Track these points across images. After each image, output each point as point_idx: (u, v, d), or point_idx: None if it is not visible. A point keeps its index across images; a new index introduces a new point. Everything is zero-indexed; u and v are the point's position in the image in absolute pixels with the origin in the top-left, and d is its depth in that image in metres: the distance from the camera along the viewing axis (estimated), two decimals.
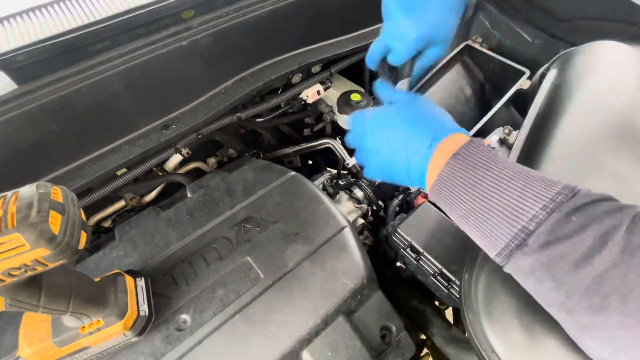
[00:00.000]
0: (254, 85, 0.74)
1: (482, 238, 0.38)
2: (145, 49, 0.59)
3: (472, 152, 0.38)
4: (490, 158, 0.38)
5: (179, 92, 0.69)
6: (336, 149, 0.86)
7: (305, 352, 0.51)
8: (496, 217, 0.36)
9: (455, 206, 0.39)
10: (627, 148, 0.52)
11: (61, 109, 0.56)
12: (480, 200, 0.37)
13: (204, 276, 0.55)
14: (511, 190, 0.35)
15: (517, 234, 0.34)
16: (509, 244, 0.35)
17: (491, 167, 0.37)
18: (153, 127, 0.68)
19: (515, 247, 0.35)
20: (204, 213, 0.62)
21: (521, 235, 0.34)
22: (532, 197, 0.34)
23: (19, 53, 0.51)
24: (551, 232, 0.33)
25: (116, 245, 0.59)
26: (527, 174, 0.36)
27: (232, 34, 0.67)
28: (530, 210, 0.34)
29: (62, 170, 0.61)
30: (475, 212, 0.37)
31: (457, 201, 0.39)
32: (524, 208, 0.34)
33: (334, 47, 0.84)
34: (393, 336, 0.56)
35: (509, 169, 0.36)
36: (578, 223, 0.32)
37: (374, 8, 0.88)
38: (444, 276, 0.63)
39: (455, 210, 0.40)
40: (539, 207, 0.33)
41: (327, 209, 0.63)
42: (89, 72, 0.56)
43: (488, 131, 0.91)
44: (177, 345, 0.49)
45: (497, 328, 0.43)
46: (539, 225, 0.33)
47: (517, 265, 0.36)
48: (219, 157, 0.96)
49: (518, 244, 0.34)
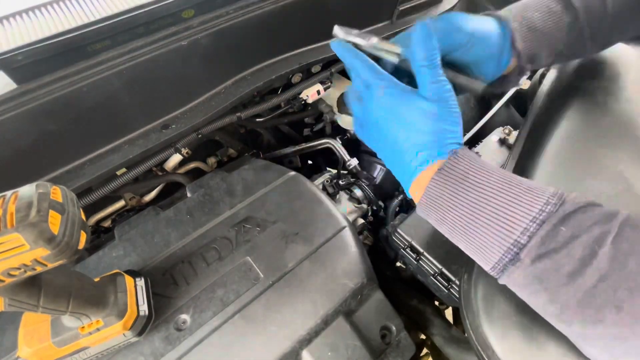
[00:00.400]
0: (254, 85, 0.74)
1: (474, 253, 0.38)
2: (145, 49, 0.59)
3: (457, 166, 0.37)
4: (476, 171, 0.37)
5: (179, 92, 0.69)
6: (336, 149, 0.86)
7: (305, 352, 0.50)
8: (486, 232, 0.35)
9: (444, 222, 0.39)
10: (627, 148, 0.52)
11: (61, 108, 0.56)
12: (469, 216, 0.36)
13: (203, 276, 0.55)
14: (499, 204, 0.34)
15: (510, 248, 0.34)
16: (502, 258, 0.35)
17: (477, 181, 0.36)
18: (153, 126, 0.68)
19: (509, 261, 0.34)
20: (204, 213, 0.62)
21: (513, 250, 0.34)
22: (521, 210, 0.33)
23: (18, 52, 0.51)
24: (542, 244, 0.32)
25: (116, 245, 0.59)
26: (514, 184, 0.35)
27: (232, 34, 0.67)
28: (521, 224, 0.33)
29: (62, 170, 0.61)
30: (464, 228, 0.37)
31: (446, 217, 0.38)
32: (514, 221, 0.34)
33: None
34: (393, 336, 0.56)
35: (495, 181, 0.36)
36: (567, 234, 0.32)
37: (374, 8, 0.88)
38: (444, 276, 0.63)
39: (444, 226, 0.39)
40: (529, 220, 0.33)
41: (327, 209, 0.63)
42: (89, 71, 0.56)
43: (488, 131, 0.91)
44: (177, 345, 0.49)
45: (497, 328, 0.43)
46: (530, 238, 0.33)
47: (512, 278, 0.36)
48: (218, 157, 0.96)
49: (511, 258, 0.34)
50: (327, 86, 0.89)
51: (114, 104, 0.61)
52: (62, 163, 0.61)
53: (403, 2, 0.90)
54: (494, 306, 0.45)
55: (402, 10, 0.91)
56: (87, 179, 0.61)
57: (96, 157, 0.63)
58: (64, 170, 0.61)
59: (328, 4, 0.78)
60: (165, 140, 0.66)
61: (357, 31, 0.44)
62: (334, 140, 0.88)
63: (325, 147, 0.89)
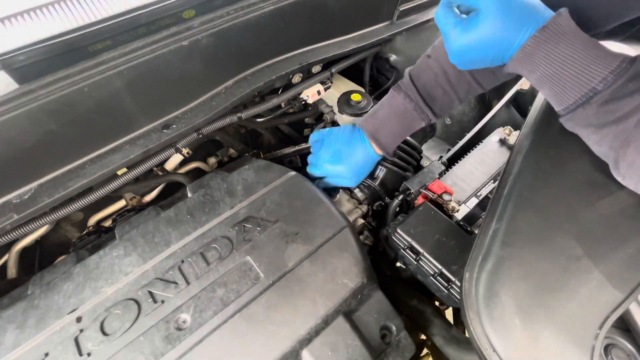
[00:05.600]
0: (255, 85, 0.74)
1: (553, 96, 0.47)
2: (146, 49, 0.59)
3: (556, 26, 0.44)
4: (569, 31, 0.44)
5: (179, 92, 0.69)
6: None
7: (305, 352, 0.51)
8: (569, 80, 0.44)
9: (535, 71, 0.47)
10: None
11: (62, 108, 0.56)
12: (560, 66, 0.44)
13: (204, 276, 0.55)
14: (585, 59, 0.43)
15: (586, 93, 0.43)
16: (577, 101, 0.44)
17: (569, 39, 0.44)
18: (154, 126, 0.68)
19: (581, 103, 0.44)
20: (204, 213, 0.62)
21: (589, 94, 0.43)
22: (602, 64, 0.42)
23: (20, 53, 0.51)
24: (611, 93, 0.42)
25: (116, 244, 0.59)
26: (597, 46, 0.43)
27: (232, 34, 0.67)
28: (601, 74, 0.42)
29: (63, 170, 0.61)
30: (552, 76, 0.45)
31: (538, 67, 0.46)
32: (595, 73, 0.42)
33: (334, 47, 0.84)
34: (393, 336, 0.56)
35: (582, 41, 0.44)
36: (632, 88, 0.41)
37: (374, 8, 0.88)
38: (443, 276, 0.63)
39: (535, 74, 0.47)
40: (608, 71, 0.42)
41: (327, 209, 0.64)
42: (90, 71, 0.56)
43: (488, 131, 0.91)
44: (177, 344, 0.49)
45: (498, 327, 0.43)
46: (607, 87, 0.42)
47: (575, 118, 0.46)
48: (219, 157, 0.96)
49: (584, 102, 0.44)
50: (328, 86, 0.89)
51: (115, 104, 0.61)
52: (63, 163, 0.61)
53: (403, 2, 0.90)
54: (495, 306, 0.45)
55: (402, 10, 0.91)
56: (88, 179, 0.61)
57: (97, 157, 0.64)
58: (64, 169, 0.61)
59: (328, 5, 0.78)
60: (166, 140, 0.66)
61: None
62: None
63: None
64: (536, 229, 0.50)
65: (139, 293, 0.53)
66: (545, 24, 0.45)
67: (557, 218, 0.50)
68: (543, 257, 0.48)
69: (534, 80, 0.49)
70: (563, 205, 0.51)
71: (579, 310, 0.44)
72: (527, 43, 0.46)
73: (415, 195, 0.77)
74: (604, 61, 0.42)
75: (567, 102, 0.46)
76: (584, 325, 0.43)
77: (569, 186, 0.53)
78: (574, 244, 0.47)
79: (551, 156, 0.51)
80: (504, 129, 0.89)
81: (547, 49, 0.45)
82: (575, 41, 0.44)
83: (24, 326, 0.50)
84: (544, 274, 0.47)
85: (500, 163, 0.82)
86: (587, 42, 0.44)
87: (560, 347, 0.41)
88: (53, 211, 0.63)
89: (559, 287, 0.45)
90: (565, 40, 0.44)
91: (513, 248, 0.49)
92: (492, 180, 0.79)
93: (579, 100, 0.44)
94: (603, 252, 0.47)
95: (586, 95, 0.44)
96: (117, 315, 0.51)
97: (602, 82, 0.42)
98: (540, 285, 0.46)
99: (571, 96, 0.45)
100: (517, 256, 0.48)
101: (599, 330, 0.42)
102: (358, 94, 0.87)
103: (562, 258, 0.47)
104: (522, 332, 0.42)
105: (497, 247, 0.50)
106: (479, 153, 0.85)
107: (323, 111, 1.00)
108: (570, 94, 0.45)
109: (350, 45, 0.85)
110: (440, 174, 0.80)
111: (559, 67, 0.45)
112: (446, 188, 0.75)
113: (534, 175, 0.56)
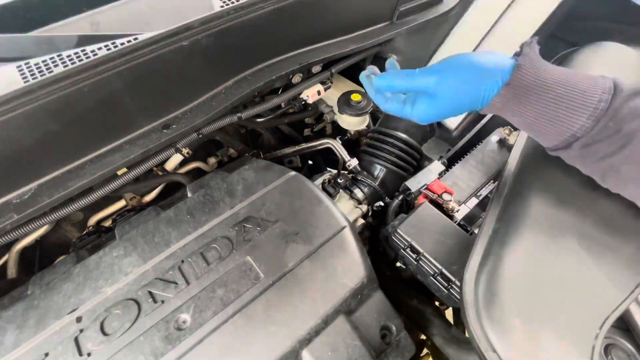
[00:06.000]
0: (255, 85, 0.74)
1: (536, 137, 0.47)
2: (146, 49, 0.59)
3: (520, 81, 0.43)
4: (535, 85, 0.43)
5: (179, 92, 0.69)
6: (336, 149, 0.86)
7: (305, 352, 0.51)
8: (547, 128, 0.44)
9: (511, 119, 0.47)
10: None
11: (62, 108, 0.56)
12: (535, 116, 0.44)
13: (204, 276, 0.55)
14: (558, 109, 0.42)
15: (567, 139, 0.43)
16: (558, 145, 0.45)
17: (536, 92, 0.43)
18: (154, 126, 0.68)
19: (562, 147, 0.45)
20: (204, 213, 0.62)
21: (569, 140, 0.43)
22: (578, 111, 0.41)
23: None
24: (592, 137, 0.41)
25: (116, 244, 0.59)
26: (571, 86, 0.42)
27: (232, 34, 0.67)
28: (578, 122, 0.41)
29: (63, 170, 0.61)
30: (531, 124, 0.45)
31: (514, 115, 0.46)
32: (572, 121, 0.42)
33: (335, 47, 0.84)
34: (393, 336, 0.56)
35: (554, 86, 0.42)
36: (612, 130, 0.40)
37: (374, 8, 0.88)
38: (444, 276, 0.63)
39: (515, 118, 0.47)
40: (585, 117, 0.41)
41: (327, 209, 0.64)
42: (90, 71, 0.56)
43: (488, 131, 0.91)
44: (177, 345, 0.49)
45: (498, 328, 0.43)
46: (587, 132, 0.41)
47: (560, 155, 0.47)
48: (219, 157, 0.96)
49: (565, 146, 0.44)
50: (328, 86, 0.89)
51: (115, 104, 0.61)
52: (63, 163, 0.61)
53: (403, 3, 0.90)
54: (495, 306, 0.45)
55: (402, 10, 0.91)
56: (87, 179, 0.61)
57: (97, 156, 0.64)
58: (64, 169, 0.61)
59: (328, 5, 0.78)
60: (165, 140, 0.66)
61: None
62: (334, 140, 0.88)
63: (326, 147, 0.89)
64: (536, 229, 0.50)
65: (139, 293, 0.53)
66: (509, 81, 0.43)
67: (557, 218, 0.50)
68: (543, 257, 0.48)
69: (514, 124, 0.48)
70: (563, 205, 0.51)
71: (578, 310, 0.44)
72: (494, 100, 0.45)
73: (415, 195, 0.77)
74: (580, 107, 0.41)
75: (548, 145, 0.46)
76: (584, 325, 0.43)
77: (569, 186, 0.53)
78: (574, 244, 0.48)
79: (551, 156, 0.51)
80: (504, 129, 0.89)
81: (516, 104, 0.44)
82: (544, 93, 0.42)
83: (24, 326, 0.50)
84: (544, 274, 0.47)
85: (500, 163, 0.82)
86: (558, 88, 0.42)
87: (560, 347, 0.41)
88: (53, 211, 0.63)
89: (559, 287, 0.45)
90: (533, 93, 0.43)
91: (513, 248, 0.49)
92: (492, 180, 0.79)
93: (560, 145, 0.45)
94: (603, 252, 0.47)
95: (566, 141, 0.44)
96: (117, 315, 0.51)
97: (581, 129, 0.41)
98: (540, 285, 0.46)
99: (552, 141, 0.45)
100: (517, 256, 0.48)
101: (599, 330, 0.42)
102: (358, 94, 0.87)
103: (562, 258, 0.47)
104: (522, 332, 0.42)
105: (497, 247, 0.50)
106: (479, 153, 0.85)
107: (323, 111, 1.00)
108: (551, 139, 0.45)
109: (350, 45, 0.85)
110: (440, 174, 0.80)
111: (533, 118, 0.44)
112: (446, 188, 0.75)
113: (534, 175, 0.56)
